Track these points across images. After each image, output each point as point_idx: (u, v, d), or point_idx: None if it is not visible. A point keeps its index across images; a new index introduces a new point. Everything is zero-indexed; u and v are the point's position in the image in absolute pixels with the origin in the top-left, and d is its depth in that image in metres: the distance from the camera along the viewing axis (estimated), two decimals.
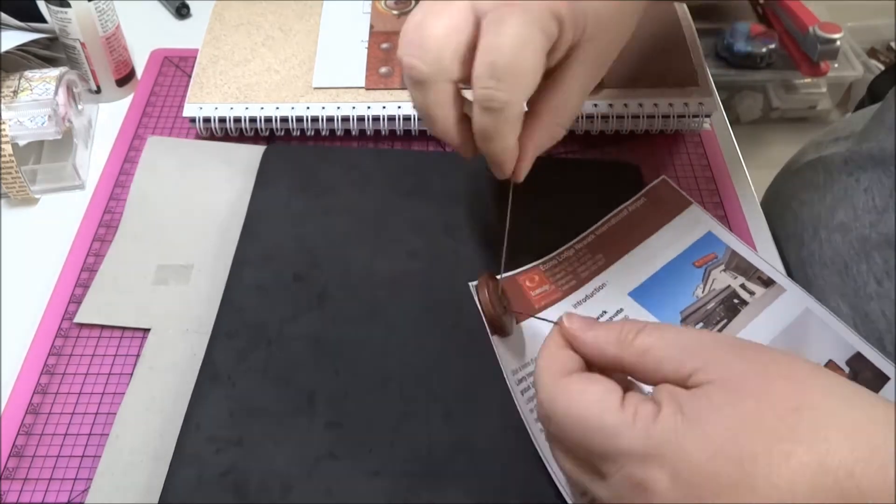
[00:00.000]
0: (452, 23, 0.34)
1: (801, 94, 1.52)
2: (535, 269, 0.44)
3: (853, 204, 0.50)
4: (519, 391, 0.38)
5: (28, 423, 0.40)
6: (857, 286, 0.48)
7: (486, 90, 0.33)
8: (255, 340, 0.41)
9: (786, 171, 0.63)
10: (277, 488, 0.36)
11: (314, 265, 0.44)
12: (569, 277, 0.44)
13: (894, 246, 0.46)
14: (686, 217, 0.46)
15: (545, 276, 0.43)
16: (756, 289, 0.42)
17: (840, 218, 0.50)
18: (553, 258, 0.44)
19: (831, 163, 0.54)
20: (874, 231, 0.47)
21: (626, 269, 0.44)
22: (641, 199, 0.47)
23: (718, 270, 0.43)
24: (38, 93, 0.51)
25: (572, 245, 0.45)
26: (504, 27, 0.32)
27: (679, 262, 0.44)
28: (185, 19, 0.66)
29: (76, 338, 0.43)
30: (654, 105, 0.52)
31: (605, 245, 0.45)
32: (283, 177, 0.49)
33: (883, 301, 0.46)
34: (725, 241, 0.45)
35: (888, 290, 0.46)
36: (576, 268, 0.44)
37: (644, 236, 0.45)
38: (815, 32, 1.38)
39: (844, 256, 0.49)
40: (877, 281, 0.46)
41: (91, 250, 0.47)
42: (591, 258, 0.44)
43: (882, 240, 0.47)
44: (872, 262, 0.47)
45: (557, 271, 0.44)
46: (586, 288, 0.43)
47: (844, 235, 0.49)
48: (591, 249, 0.45)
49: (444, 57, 0.34)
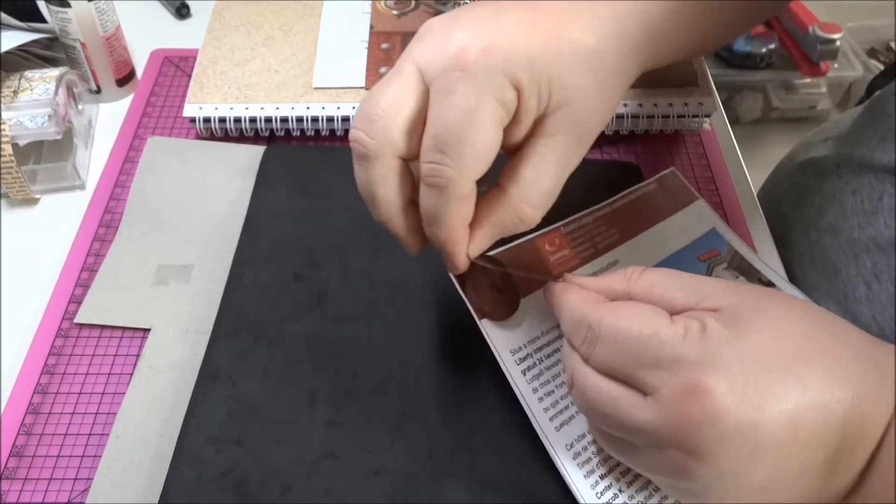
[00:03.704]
0: (401, 91, 0.31)
1: (800, 94, 1.52)
2: (557, 230, 0.43)
3: (842, 206, 0.49)
4: (519, 371, 0.38)
5: (28, 423, 0.40)
6: (846, 289, 0.47)
7: (431, 165, 0.30)
8: (255, 340, 0.41)
9: (776, 172, 0.63)
10: (277, 488, 0.36)
11: (314, 265, 0.45)
12: (587, 245, 0.43)
13: (883, 249, 0.46)
14: (692, 211, 0.46)
15: (565, 239, 0.43)
16: None
17: (829, 220, 0.50)
18: (574, 220, 0.44)
19: (822, 165, 0.54)
20: (863, 234, 0.47)
21: (636, 252, 0.44)
22: (653, 184, 0.47)
23: (721, 268, 0.43)
24: (38, 93, 0.51)
25: (591, 212, 0.44)
26: (452, 96, 0.29)
27: (685, 253, 0.44)
28: (185, 19, 0.66)
29: (76, 338, 0.43)
30: (654, 105, 0.52)
31: (620, 221, 0.45)
32: (283, 177, 0.49)
33: (872, 304, 0.46)
34: (728, 240, 0.45)
35: (877, 294, 0.46)
36: (594, 236, 0.44)
37: (653, 221, 0.45)
38: (815, 32, 1.38)
39: (833, 259, 0.49)
40: (866, 284, 0.46)
41: (91, 250, 0.47)
42: (607, 230, 0.44)
43: (871, 242, 0.47)
44: (861, 265, 0.47)
45: (578, 235, 0.43)
46: (601, 260, 0.43)
47: (833, 238, 0.49)
48: (608, 221, 0.44)
49: (389, 128, 0.30)
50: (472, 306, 0.38)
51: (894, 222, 0.46)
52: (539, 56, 0.30)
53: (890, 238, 0.45)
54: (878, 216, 0.47)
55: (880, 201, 0.47)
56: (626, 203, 0.46)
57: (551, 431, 0.36)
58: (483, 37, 0.30)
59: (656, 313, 0.30)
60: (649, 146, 0.54)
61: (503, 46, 0.30)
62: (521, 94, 0.30)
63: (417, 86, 0.31)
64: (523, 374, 0.38)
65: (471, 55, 0.29)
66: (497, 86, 0.29)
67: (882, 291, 0.45)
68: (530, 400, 0.37)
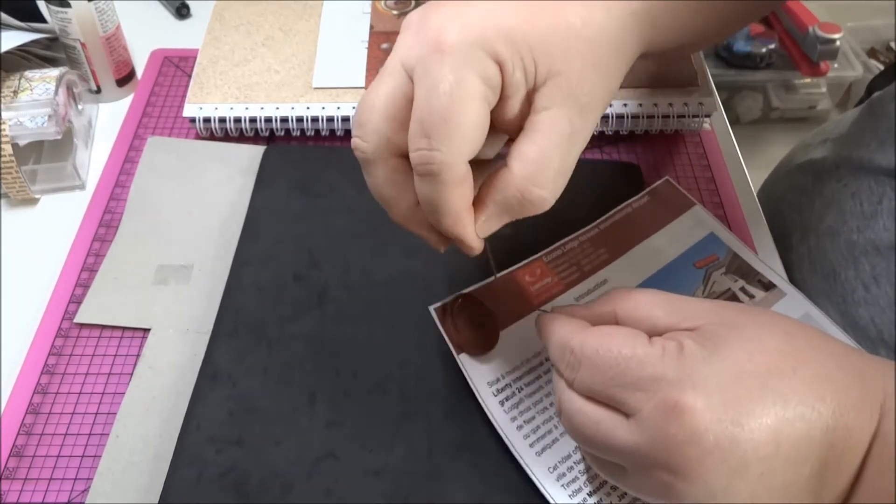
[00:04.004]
0: (387, 89, 0.30)
1: (800, 94, 1.52)
2: (538, 261, 0.44)
3: (841, 208, 0.49)
4: (497, 402, 0.38)
5: (28, 423, 0.40)
6: (844, 292, 0.47)
7: (420, 152, 0.29)
8: (255, 340, 0.41)
9: (776, 173, 0.63)
10: (277, 488, 0.36)
11: (314, 265, 0.45)
12: (572, 269, 0.43)
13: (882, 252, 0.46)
14: (689, 218, 0.46)
15: (547, 268, 0.43)
16: (756, 292, 0.42)
17: (828, 222, 0.50)
18: (557, 248, 0.44)
19: (821, 167, 0.54)
20: (861, 237, 0.47)
21: (628, 267, 0.44)
22: (645, 197, 0.47)
23: (719, 273, 0.43)
24: (38, 93, 0.51)
25: (577, 237, 0.45)
26: (430, 78, 0.28)
27: (680, 262, 0.44)
28: (185, 19, 0.66)
29: (76, 338, 0.43)
30: (654, 105, 0.52)
31: (609, 240, 0.45)
32: (283, 177, 0.49)
33: (871, 307, 0.46)
34: (727, 243, 0.44)
35: (876, 297, 0.46)
36: (579, 260, 0.44)
37: (646, 235, 0.45)
38: (815, 32, 1.38)
39: (832, 262, 0.49)
40: (864, 287, 0.46)
41: (91, 250, 0.47)
42: (594, 252, 0.44)
43: (870, 246, 0.46)
44: (860, 268, 0.47)
45: (561, 262, 0.44)
46: (588, 282, 0.43)
47: (832, 240, 0.49)
48: (595, 243, 0.45)
49: (381, 128, 0.30)
50: (451, 342, 0.39)
51: (893, 226, 0.46)
52: (517, 27, 0.29)
53: (889, 241, 0.45)
54: (878, 219, 0.47)
55: (879, 204, 0.47)
56: (615, 221, 0.46)
57: (532, 458, 0.36)
58: (457, 18, 0.29)
59: (635, 335, 0.30)
60: (649, 146, 0.54)
61: (478, 23, 0.29)
62: (504, 68, 0.29)
63: (402, 81, 0.30)
64: (501, 405, 0.38)
65: (446, 37, 0.29)
66: (475, 61, 0.28)
67: (881, 295, 0.45)
68: (508, 430, 0.37)
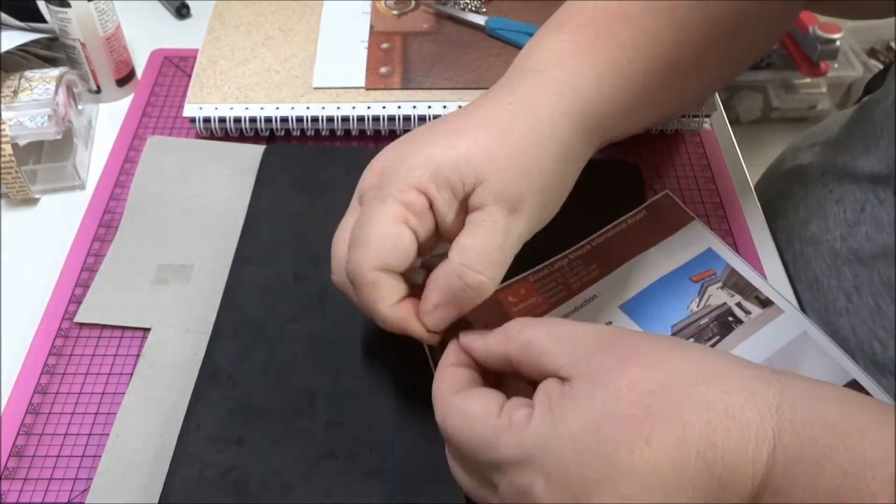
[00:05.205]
0: (349, 223, 0.36)
1: (800, 94, 1.52)
2: (524, 280, 0.43)
3: (825, 215, 0.48)
4: None
5: (28, 423, 0.40)
6: (827, 301, 0.47)
7: (348, 265, 0.34)
8: (255, 340, 0.41)
9: (766, 177, 0.63)
10: (277, 488, 0.36)
11: (314, 265, 0.45)
12: (559, 288, 0.43)
13: (864, 261, 0.45)
14: (687, 232, 0.45)
15: (533, 288, 0.43)
16: (753, 308, 0.42)
17: (812, 230, 0.49)
18: (544, 268, 0.44)
19: (807, 172, 0.53)
20: (844, 245, 0.46)
21: (620, 282, 0.43)
22: (642, 212, 0.46)
23: (716, 287, 0.43)
24: (38, 93, 0.51)
25: (566, 255, 0.44)
26: (365, 207, 0.35)
27: (675, 276, 0.43)
28: (185, 19, 0.66)
29: (76, 338, 0.43)
30: None
31: (601, 256, 0.44)
32: (283, 177, 0.49)
33: (852, 318, 0.45)
34: (725, 259, 0.44)
35: (857, 307, 0.45)
36: (567, 278, 0.43)
37: (641, 249, 0.44)
38: (815, 32, 1.38)
39: (816, 270, 0.48)
40: (846, 297, 0.45)
41: (91, 250, 0.47)
42: (584, 269, 0.44)
43: (852, 255, 0.46)
44: (842, 278, 0.46)
45: (548, 282, 0.43)
46: (576, 300, 0.42)
47: (816, 249, 0.48)
48: (585, 260, 0.44)
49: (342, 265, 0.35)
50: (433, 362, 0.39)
51: (875, 234, 0.44)
52: (441, 154, 0.33)
53: (871, 250, 0.44)
54: (860, 227, 0.46)
55: (862, 212, 0.46)
56: (609, 238, 0.45)
57: None
58: (394, 157, 0.35)
59: (487, 406, 0.30)
60: (649, 146, 0.54)
61: (409, 160, 0.34)
62: (429, 192, 0.33)
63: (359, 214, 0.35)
64: None
65: (383, 174, 0.35)
66: (399, 192, 0.33)
67: (862, 304, 0.44)
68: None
